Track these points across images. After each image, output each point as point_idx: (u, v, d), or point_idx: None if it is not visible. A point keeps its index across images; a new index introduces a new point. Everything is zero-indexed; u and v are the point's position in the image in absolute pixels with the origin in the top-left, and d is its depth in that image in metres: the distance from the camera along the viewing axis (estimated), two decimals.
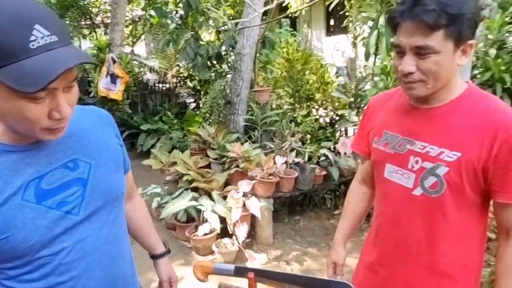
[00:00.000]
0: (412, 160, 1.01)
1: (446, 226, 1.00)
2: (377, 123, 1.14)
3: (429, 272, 1.04)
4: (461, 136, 0.95)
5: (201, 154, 3.97)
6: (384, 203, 1.14)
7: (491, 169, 0.92)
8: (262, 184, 3.14)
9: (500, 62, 4.50)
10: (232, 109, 4.36)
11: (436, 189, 0.97)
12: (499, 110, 0.94)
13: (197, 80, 6.20)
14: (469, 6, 0.88)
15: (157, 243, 1.25)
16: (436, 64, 0.89)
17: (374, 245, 1.19)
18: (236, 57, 4.39)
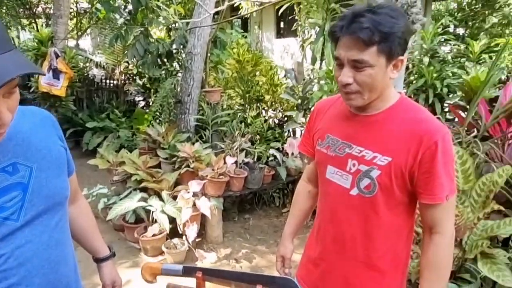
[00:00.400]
0: (350, 163, 1.10)
1: (378, 224, 1.09)
2: (321, 126, 1.22)
3: (362, 265, 1.14)
4: (392, 143, 1.04)
5: (150, 154, 3.91)
6: (325, 201, 1.22)
7: (416, 173, 1.02)
8: (212, 184, 3.18)
9: (432, 69, 4.94)
10: (183, 109, 4.34)
11: (370, 189, 1.07)
12: (425, 120, 1.04)
13: (146, 77, 6.06)
14: (400, 26, 0.96)
15: (101, 246, 1.23)
16: (370, 77, 0.98)
17: (316, 240, 1.27)
18: (187, 56, 4.38)
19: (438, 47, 5.53)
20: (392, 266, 1.15)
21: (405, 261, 1.18)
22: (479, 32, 9.47)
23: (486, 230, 1.47)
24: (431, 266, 1.07)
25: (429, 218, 1.07)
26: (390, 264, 1.14)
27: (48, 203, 0.91)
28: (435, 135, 1.00)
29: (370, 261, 1.14)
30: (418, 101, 4.84)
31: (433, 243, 1.07)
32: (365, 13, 0.95)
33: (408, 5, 2.04)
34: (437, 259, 1.07)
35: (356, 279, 1.17)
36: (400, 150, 1.03)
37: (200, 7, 4.16)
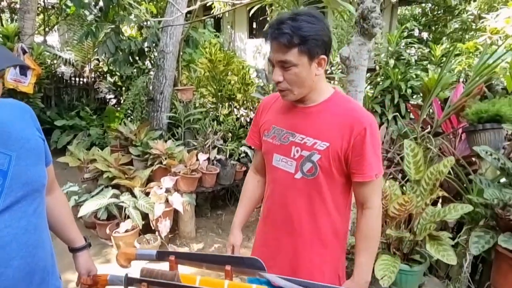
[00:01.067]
0: (294, 150, 1.23)
1: (321, 203, 1.24)
2: (267, 119, 1.35)
3: (309, 241, 1.28)
4: (329, 130, 1.19)
5: (122, 151, 3.92)
6: (273, 186, 1.34)
7: (350, 156, 1.18)
8: (185, 180, 3.24)
9: (398, 71, 5.18)
10: (155, 107, 4.37)
11: (312, 172, 1.21)
12: (355, 110, 1.21)
13: (118, 75, 6.01)
14: (317, 29, 1.12)
15: (77, 236, 1.27)
16: (296, 75, 1.14)
17: (266, 224, 1.40)
18: (159, 54, 4.40)
19: (403, 50, 5.80)
20: (334, 240, 1.30)
21: (344, 235, 1.35)
22: (442, 37, 9.97)
23: (434, 215, 1.63)
24: (363, 236, 1.24)
25: (361, 195, 1.23)
26: (332, 238, 1.29)
27: (27, 189, 0.96)
28: (364, 123, 1.16)
29: (315, 236, 1.28)
30: (385, 102, 5.08)
31: (365, 217, 1.24)
32: (286, 20, 1.11)
33: (369, 10, 2.20)
34: (368, 229, 1.23)
35: (304, 254, 1.31)
36: (336, 136, 1.18)
37: (172, 6, 4.20)
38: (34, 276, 1.00)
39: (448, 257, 1.51)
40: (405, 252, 1.72)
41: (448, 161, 1.64)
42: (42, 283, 1.04)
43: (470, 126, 2.03)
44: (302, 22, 1.10)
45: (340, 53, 2.39)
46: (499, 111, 1.90)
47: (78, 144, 4.54)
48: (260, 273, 1.19)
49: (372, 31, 2.25)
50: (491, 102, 1.99)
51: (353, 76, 2.39)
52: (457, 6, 9.53)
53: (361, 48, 2.34)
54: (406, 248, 1.73)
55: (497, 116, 1.92)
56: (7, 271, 0.91)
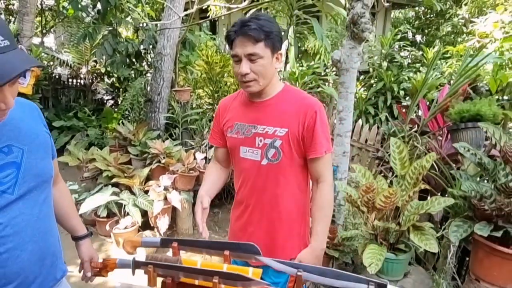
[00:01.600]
0: (258, 140, 1.38)
1: (286, 184, 1.39)
2: (228, 118, 1.48)
3: (279, 220, 1.43)
4: (286, 118, 1.35)
5: (121, 151, 4.01)
6: (243, 176, 1.46)
7: (305, 137, 1.34)
8: (182, 178, 3.35)
9: (390, 74, 5.31)
10: (153, 107, 4.47)
11: (276, 157, 1.36)
12: (306, 97, 1.39)
13: (115, 77, 6.09)
14: (275, 28, 1.31)
15: (79, 225, 1.35)
16: (262, 66, 1.29)
17: (240, 210, 1.52)
18: (156, 56, 4.50)
19: (396, 53, 5.94)
20: (300, 216, 1.46)
21: (307, 210, 1.50)
22: (434, 40, 10.17)
23: (418, 207, 1.75)
24: (319, 207, 1.39)
25: (315, 170, 1.39)
26: (299, 215, 1.46)
27: (37, 180, 1.06)
28: (314, 108, 1.35)
29: (284, 215, 1.43)
30: (378, 103, 5.22)
31: (319, 190, 1.39)
32: (250, 20, 1.28)
33: (358, 15, 2.32)
34: (323, 200, 1.39)
35: (276, 232, 1.45)
36: (293, 122, 1.35)
37: (169, 9, 4.31)
38: (45, 260, 1.10)
39: (430, 246, 1.63)
40: (391, 242, 1.84)
41: (430, 157, 1.76)
42: (52, 266, 1.13)
43: (453, 125, 2.16)
44: (264, 21, 1.28)
45: (332, 56, 2.51)
46: (479, 111, 2.03)
47: (76, 144, 4.62)
48: (256, 257, 1.30)
49: (362, 36, 2.37)
50: (473, 103, 2.11)
51: (344, 78, 2.51)
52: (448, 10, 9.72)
53: (351, 52, 2.46)
54: (392, 238, 1.85)
55: (477, 116, 2.05)
56: (23, 255, 1.01)
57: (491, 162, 1.69)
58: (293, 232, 1.47)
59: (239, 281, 1.18)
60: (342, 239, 2.23)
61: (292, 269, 1.26)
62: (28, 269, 1.03)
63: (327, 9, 4.85)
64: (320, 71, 5.24)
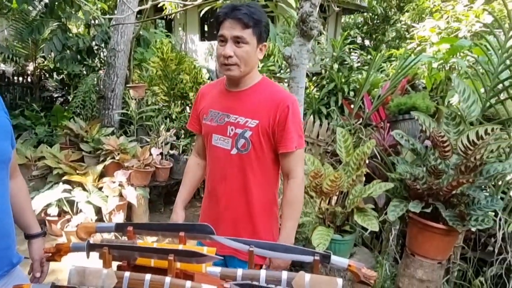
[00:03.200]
0: (229, 129, 1.39)
1: (254, 175, 1.40)
2: (205, 104, 1.49)
3: (246, 212, 1.44)
4: (258, 109, 1.36)
5: (72, 148, 3.90)
6: (214, 164, 1.48)
7: (276, 131, 1.35)
8: (138, 174, 3.33)
9: (341, 75, 5.59)
10: (107, 104, 4.38)
11: (245, 147, 1.37)
12: (280, 91, 1.40)
13: (65, 73, 5.86)
14: (265, 18, 1.33)
15: (34, 223, 1.32)
16: (246, 53, 1.30)
17: (208, 199, 1.53)
18: (110, 52, 4.42)
19: (346, 56, 6.26)
20: (266, 209, 1.47)
21: (275, 204, 1.51)
22: (381, 44, 10.78)
23: (361, 191, 1.91)
24: (289, 203, 1.40)
25: (286, 166, 1.40)
26: (264, 207, 1.46)
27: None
28: (287, 102, 1.35)
29: (250, 206, 1.44)
30: (330, 103, 5.47)
31: (289, 186, 1.40)
32: (242, 5, 1.29)
33: (307, 14, 2.46)
34: (293, 196, 1.40)
35: (242, 223, 1.46)
36: (264, 114, 1.35)
37: (123, 5, 4.25)
38: (1, 241, 1.09)
39: (371, 225, 1.79)
40: (338, 224, 1.99)
41: (371, 143, 1.93)
42: (8, 249, 1.13)
43: (392, 117, 2.36)
44: (255, 9, 1.30)
45: (283, 53, 2.64)
46: (414, 104, 2.24)
47: (24, 143, 4.41)
48: (210, 237, 1.37)
49: (310, 33, 2.52)
50: (409, 96, 2.33)
51: (295, 73, 2.65)
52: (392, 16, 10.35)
53: (301, 48, 2.60)
54: (339, 221, 1.99)
55: (413, 108, 2.27)
56: None
57: (423, 147, 1.88)
58: (259, 226, 1.46)
59: (194, 258, 1.24)
60: None
61: (244, 246, 1.34)
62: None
63: (281, 11, 5.02)
64: (275, 70, 5.40)
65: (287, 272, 1.07)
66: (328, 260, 1.27)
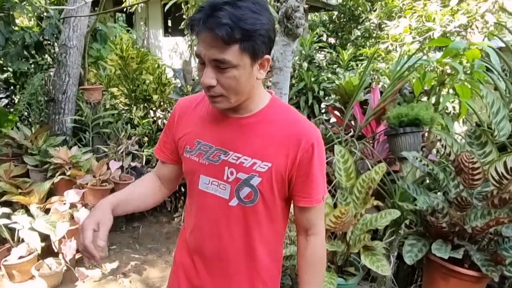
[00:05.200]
0: (227, 171, 1.00)
1: (260, 232, 1.04)
2: (188, 130, 1.07)
3: (247, 276, 1.08)
4: (270, 147, 0.97)
5: (15, 161, 3.34)
6: (202, 215, 1.09)
7: (294, 177, 0.99)
8: (94, 192, 2.86)
9: (311, 74, 5.37)
10: (57, 108, 3.83)
11: (251, 199, 0.99)
12: (299, 121, 1.01)
13: (10, 71, 5.20)
14: (263, 22, 0.86)
15: None
16: (234, 79, 0.88)
17: (192, 260, 1.13)
18: (60, 49, 3.88)
19: (314, 54, 6.05)
20: (273, 269, 1.12)
21: (280, 262, 1.17)
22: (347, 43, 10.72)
23: (366, 224, 1.60)
24: (311, 266, 1.08)
25: (305, 220, 1.06)
26: (271, 267, 1.11)
27: None
28: (311, 138, 0.98)
29: (253, 270, 1.08)
30: (300, 103, 5.22)
31: (310, 245, 1.07)
32: (224, 6, 0.82)
33: (292, 9, 2.12)
34: (316, 258, 1.08)
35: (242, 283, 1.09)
36: (279, 154, 0.97)
37: None
38: None
39: (382, 268, 1.49)
40: (339, 264, 1.67)
41: (380, 168, 1.62)
42: None
43: (391, 129, 2.08)
44: (245, 10, 0.83)
45: None
46: (418, 115, 1.97)
47: None
48: None
49: (296, 31, 2.19)
50: (410, 106, 2.06)
51: (278, 77, 2.32)
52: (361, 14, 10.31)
53: (285, 49, 2.27)
54: (341, 260, 1.68)
55: (416, 120, 2.00)
56: None
57: (441, 172, 1.59)
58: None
59: None
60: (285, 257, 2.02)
61: None
62: None
63: None
64: None
65: None
66: None
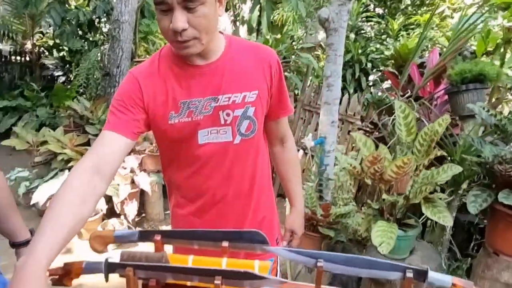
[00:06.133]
0: (222, 115, 1.01)
1: (258, 155, 1.11)
2: (164, 98, 1.01)
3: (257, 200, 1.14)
4: (251, 77, 1.02)
5: (77, 131, 3.58)
6: (207, 167, 1.08)
7: (273, 95, 1.07)
8: (151, 158, 3.01)
9: (358, 45, 5.17)
10: (112, 82, 4.02)
11: (251, 129, 1.04)
12: (260, 46, 1.10)
13: (66, 50, 5.49)
14: None
15: (20, 228, 1.08)
16: (205, 17, 0.88)
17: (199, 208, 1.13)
18: (113, 24, 4.02)
19: (362, 25, 5.81)
20: (268, 184, 1.21)
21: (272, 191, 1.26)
22: (396, 12, 10.20)
23: (427, 177, 1.58)
24: (292, 166, 1.23)
25: (281, 130, 1.18)
26: (270, 185, 1.22)
27: None
28: (275, 56, 1.07)
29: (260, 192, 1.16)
30: (346, 76, 5.06)
31: (287, 149, 1.22)
32: None
33: None
34: (294, 157, 1.24)
35: (254, 214, 1.16)
36: (259, 80, 1.04)
37: None
38: None
39: (444, 219, 1.47)
40: (398, 217, 1.67)
41: (443, 120, 1.57)
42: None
43: (453, 87, 1.99)
44: None
45: (319, 15, 2.24)
46: (482, 70, 1.87)
47: (25, 126, 4.09)
48: (263, 247, 1.05)
49: None
50: (474, 62, 1.95)
51: (333, 39, 2.26)
52: None
53: (341, 9, 2.21)
54: (400, 213, 1.67)
55: (480, 76, 1.90)
56: None
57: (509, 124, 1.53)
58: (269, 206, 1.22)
59: (247, 280, 0.92)
60: (337, 216, 2.03)
61: (309, 259, 1.03)
62: None
63: None
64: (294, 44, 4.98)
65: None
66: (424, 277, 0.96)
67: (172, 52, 1.01)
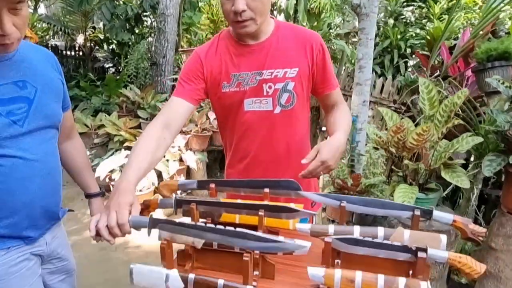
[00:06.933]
0: (265, 87, 1.21)
1: (298, 127, 1.29)
2: (218, 70, 1.23)
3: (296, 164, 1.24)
4: (293, 56, 1.20)
5: (129, 116, 3.96)
6: (251, 132, 1.28)
7: (316, 73, 1.23)
8: (196, 138, 3.31)
9: (397, 31, 5.15)
10: (159, 71, 4.37)
11: (290, 101, 1.22)
12: (304, 30, 1.27)
13: (115, 43, 5.93)
14: None
15: (92, 183, 1.35)
16: (261, 1, 1.09)
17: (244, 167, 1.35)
18: (159, 17, 4.36)
19: (402, 10, 5.74)
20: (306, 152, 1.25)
21: None
22: None
23: (448, 146, 1.72)
24: (344, 115, 1.30)
25: (332, 102, 1.32)
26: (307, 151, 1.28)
27: (46, 122, 1.05)
28: (319, 39, 1.23)
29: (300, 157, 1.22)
30: (384, 62, 5.09)
31: (340, 108, 1.32)
32: None
33: None
34: (345, 113, 1.31)
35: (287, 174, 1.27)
36: (301, 59, 1.21)
37: None
38: (51, 197, 1.10)
39: (461, 182, 1.62)
40: (420, 182, 1.83)
41: (462, 93, 1.71)
42: (56, 205, 1.14)
43: (479, 65, 2.10)
44: None
45: (351, 1, 2.41)
46: (508, 48, 1.96)
47: (82, 112, 4.55)
48: (297, 192, 1.28)
49: None
50: (500, 40, 2.04)
51: (364, 23, 2.43)
52: None
53: None
54: (422, 178, 1.83)
55: (505, 54, 1.99)
56: (31, 186, 1.01)
57: None
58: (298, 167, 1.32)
59: (284, 213, 1.17)
60: (366, 186, 2.22)
61: (334, 201, 1.25)
62: (35, 202, 1.04)
63: None
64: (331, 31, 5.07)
65: (383, 229, 0.99)
66: (430, 215, 1.15)
67: (229, 34, 1.26)
